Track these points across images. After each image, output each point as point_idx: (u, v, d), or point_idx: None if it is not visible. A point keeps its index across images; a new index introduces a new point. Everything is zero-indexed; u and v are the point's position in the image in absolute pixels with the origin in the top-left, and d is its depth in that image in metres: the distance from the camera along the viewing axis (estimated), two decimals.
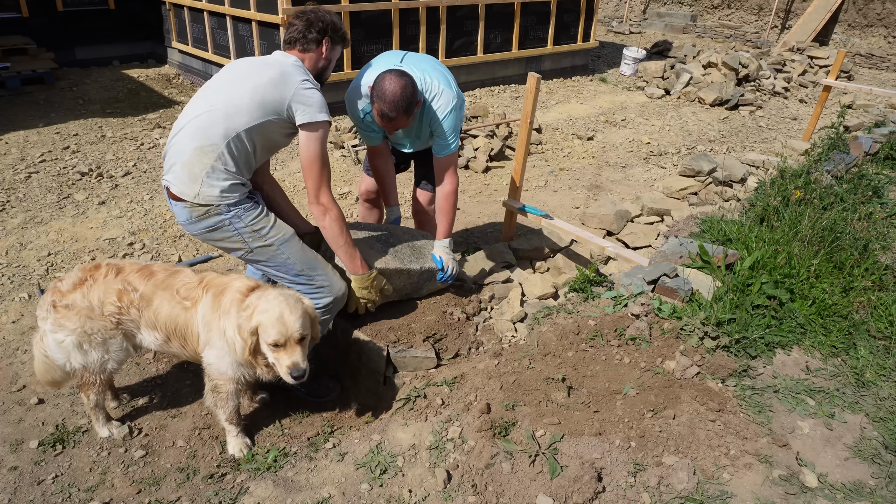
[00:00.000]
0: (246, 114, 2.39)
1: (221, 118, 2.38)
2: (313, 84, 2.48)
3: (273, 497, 2.12)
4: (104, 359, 2.43)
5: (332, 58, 2.66)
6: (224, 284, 2.36)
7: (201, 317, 2.34)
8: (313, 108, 2.42)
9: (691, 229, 3.67)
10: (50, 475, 2.43)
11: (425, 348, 2.79)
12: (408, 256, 2.91)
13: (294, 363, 2.20)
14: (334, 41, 2.62)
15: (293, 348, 2.21)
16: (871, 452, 2.15)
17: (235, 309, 2.26)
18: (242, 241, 2.52)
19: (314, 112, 2.43)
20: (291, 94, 2.40)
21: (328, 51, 2.61)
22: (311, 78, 2.51)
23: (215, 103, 2.42)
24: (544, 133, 7.13)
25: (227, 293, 2.31)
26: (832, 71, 6.72)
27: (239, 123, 2.39)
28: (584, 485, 1.96)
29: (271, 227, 2.53)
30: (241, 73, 2.47)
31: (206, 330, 2.34)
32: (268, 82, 2.40)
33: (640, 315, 2.69)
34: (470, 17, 8.43)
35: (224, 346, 2.31)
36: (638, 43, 12.44)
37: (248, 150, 2.46)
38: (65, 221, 4.55)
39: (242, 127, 2.39)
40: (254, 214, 2.50)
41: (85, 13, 8.98)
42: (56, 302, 2.34)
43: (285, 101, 2.40)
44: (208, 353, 2.38)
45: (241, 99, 2.39)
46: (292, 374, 2.19)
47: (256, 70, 2.45)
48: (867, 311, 2.79)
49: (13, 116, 6.66)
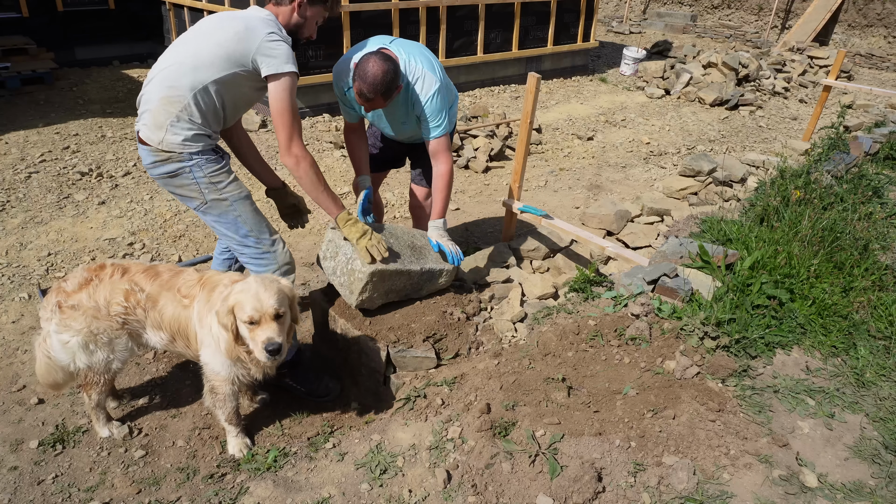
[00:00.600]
0: (211, 66, 2.44)
1: (188, 70, 2.44)
2: (281, 37, 2.48)
3: (273, 497, 2.12)
4: (109, 359, 2.43)
5: (309, 16, 2.62)
6: (216, 281, 2.36)
7: (196, 315, 2.34)
8: (278, 59, 2.44)
9: (691, 229, 3.67)
10: (50, 475, 2.43)
11: (425, 348, 2.79)
12: (408, 257, 2.91)
13: (268, 337, 2.14)
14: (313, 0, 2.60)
15: (268, 324, 2.17)
16: (871, 452, 2.15)
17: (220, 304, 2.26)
18: (199, 191, 2.59)
19: (279, 63, 2.44)
20: (256, 47, 2.42)
21: (303, 7, 2.59)
22: (280, 31, 2.51)
23: (183, 56, 2.47)
24: (544, 133, 7.13)
25: (217, 289, 2.31)
26: (832, 71, 6.72)
27: (205, 76, 2.44)
28: (584, 485, 1.96)
29: (229, 182, 2.61)
30: (210, 27, 2.51)
31: (200, 327, 2.35)
32: (233, 36, 2.43)
33: (640, 315, 2.69)
34: (470, 17, 8.43)
35: (213, 344, 2.31)
36: (638, 43, 12.43)
37: (216, 103, 2.52)
38: (65, 221, 4.55)
39: (208, 80, 2.45)
40: (214, 167, 2.57)
41: (85, 13, 8.98)
42: (61, 302, 2.34)
43: (249, 54, 2.43)
44: (204, 353, 2.38)
45: (208, 52, 2.44)
46: (267, 349, 2.14)
47: (223, 24, 2.48)
48: (867, 311, 2.79)
49: (13, 116, 6.66)
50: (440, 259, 3.04)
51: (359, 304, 2.82)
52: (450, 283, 3.09)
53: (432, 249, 3.10)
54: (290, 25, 2.61)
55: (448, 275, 3.03)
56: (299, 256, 4.29)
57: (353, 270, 2.77)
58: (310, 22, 2.65)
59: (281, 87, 2.46)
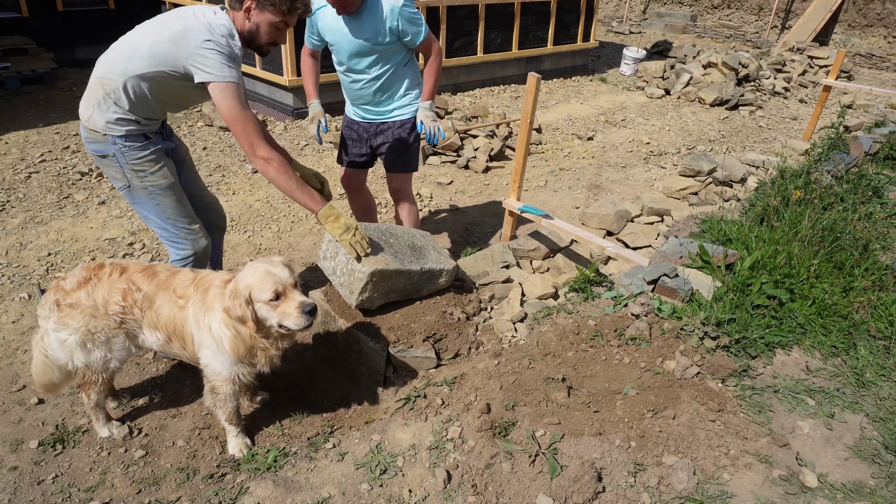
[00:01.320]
0: (140, 60, 2.46)
1: (123, 58, 2.49)
2: (217, 45, 2.41)
3: (273, 497, 2.12)
4: (107, 357, 2.43)
5: (260, 21, 2.52)
6: (209, 282, 2.35)
7: (192, 316, 2.34)
8: (208, 68, 2.40)
9: (691, 229, 3.68)
10: (50, 475, 2.43)
11: (425, 348, 2.79)
12: (408, 257, 2.91)
13: (301, 301, 2.20)
14: (261, 4, 2.49)
15: (293, 292, 2.21)
16: (871, 452, 2.15)
17: (219, 303, 2.25)
18: (123, 175, 2.67)
19: (209, 72, 2.40)
20: (187, 54, 2.41)
21: (253, 13, 2.51)
22: (224, 38, 2.45)
23: (125, 44, 2.52)
24: (544, 133, 7.13)
25: (211, 290, 2.31)
26: (832, 71, 6.72)
27: (134, 68, 2.47)
28: (584, 485, 1.96)
29: (153, 171, 2.66)
30: (157, 24, 2.52)
31: (197, 329, 2.34)
32: (167, 38, 2.43)
33: (640, 315, 2.69)
34: (470, 17, 8.43)
35: (214, 344, 2.31)
36: (638, 43, 12.44)
37: (146, 93, 2.53)
38: (65, 221, 4.55)
39: (136, 72, 2.47)
40: (138, 155, 2.62)
41: (85, 13, 8.98)
42: (60, 300, 2.34)
43: (179, 60, 2.43)
44: (204, 354, 2.38)
45: (142, 47, 2.46)
46: (305, 310, 2.19)
47: (167, 23, 2.48)
48: (867, 311, 2.79)
49: (13, 116, 6.66)
50: (440, 259, 3.05)
51: (359, 304, 2.82)
52: (450, 283, 3.09)
53: (432, 249, 3.10)
54: (245, 32, 2.56)
55: (448, 275, 3.03)
56: (299, 256, 4.29)
57: (353, 270, 2.77)
58: (263, 27, 2.55)
59: (220, 96, 2.43)
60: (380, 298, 2.86)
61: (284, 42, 2.66)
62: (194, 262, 2.86)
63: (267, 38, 2.59)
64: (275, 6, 2.49)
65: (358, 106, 3.53)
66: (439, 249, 3.17)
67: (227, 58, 2.44)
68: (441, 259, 3.05)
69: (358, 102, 3.50)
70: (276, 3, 2.48)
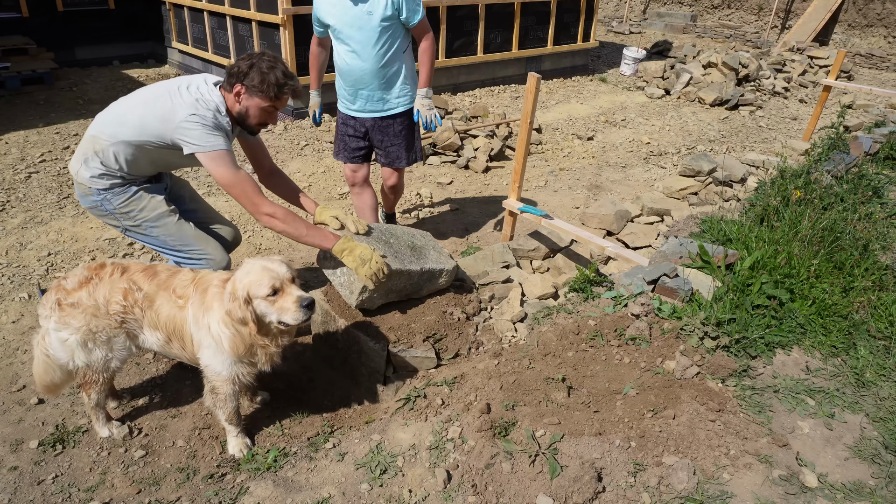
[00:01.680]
0: (129, 128, 2.61)
1: (114, 122, 2.64)
2: (203, 117, 2.51)
3: (273, 497, 2.12)
4: (108, 357, 2.43)
5: (250, 105, 2.61)
6: (207, 282, 2.36)
7: (191, 316, 2.34)
8: (194, 140, 2.52)
9: (691, 229, 3.68)
10: (50, 475, 2.43)
11: (425, 348, 2.79)
12: (408, 257, 2.92)
13: (299, 296, 2.21)
14: (251, 90, 2.57)
15: (290, 287, 2.22)
16: (871, 452, 2.15)
17: (218, 303, 2.26)
18: (116, 220, 2.80)
19: (195, 145, 2.53)
20: (173, 128, 2.53)
21: (244, 97, 2.60)
22: (212, 113, 2.54)
23: (120, 108, 2.68)
24: (544, 133, 7.13)
25: (209, 289, 2.32)
26: (832, 71, 6.72)
27: (122, 133, 2.62)
28: (584, 485, 1.96)
29: (140, 209, 2.76)
30: (151, 94, 2.64)
31: (196, 329, 2.35)
32: (156, 114, 2.56)
33: (640, 315, 2.69)
34: (470, 17, 8.43)
35: (213, 344, 2.31)
36: (638, 43, 12.44)
37: (135, 157, 2.68)
38: (65, 221, 4.55)
39: (124, 138, 2.62)
40: (121, 199, 2.73)
41: (85, 13, 8.98)
42: (61, 300, 2.34)
43: (167, 134, 2.56)
44: (204, 354, 2.38)
45: (133, 115, 2.61)
46: (303, 305, 2.20)
47: (158, 96, 2.60)
48: (867, 311, 2.79)
49: (13, 116, 6.66)
50: (440, 259, 3.05)
51: (359, 305, 2.83)
52: (450, 282, 3.09)
53: (432, 249, 3.10)
54: (235, 113, 2.66)
55: (448, 275, 3.03)
56: (299, 257, 4.29)
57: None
58: (253, 111, 2.63)
59: (211, 165, 2.54)
60: (380, 298, 2.86)
61: (275, 124, 2.81)
62: None
63: (257, 121, 2.69)
64: (263, 92, 2.57)
65: (357, 97, 3.59)
66: (439, 249, 3.17)
67: (212, 127, 2.54)
68: (441, 259, 3.05)
69: (358, 90, 3.56)
70: (264, 90, 2.56)
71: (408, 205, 5.13)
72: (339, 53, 3.51)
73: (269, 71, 2.55)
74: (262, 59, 2.57)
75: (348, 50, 3.44)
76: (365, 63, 3.43)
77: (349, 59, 3.47)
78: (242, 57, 2.61)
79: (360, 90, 3.55)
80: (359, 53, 3.41)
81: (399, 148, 3.73)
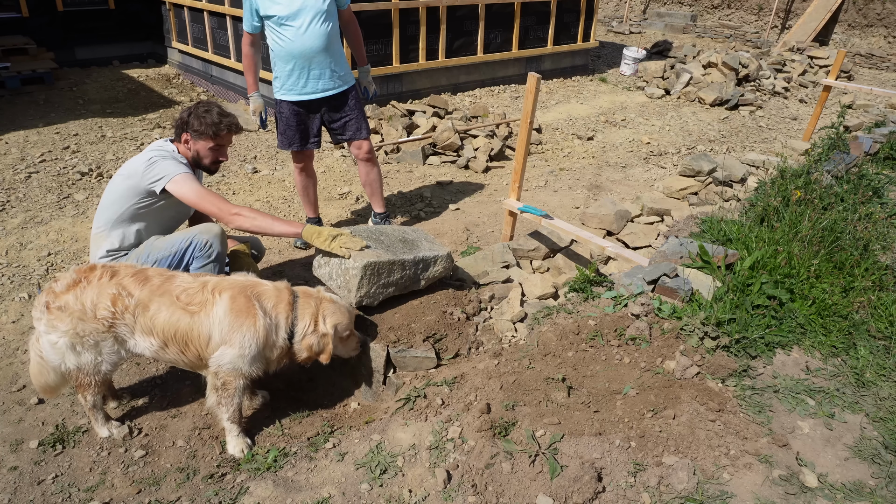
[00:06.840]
0: (114, 204, 2.89)
1: (103, 209, 2.93)
2: (162, 156, 2.84)
3: (273, 497, 2.12)
4: (97, 360, 2.42)
5: (198, 148, 2.95)
6: (241, 285, 2.44)
7: (218, 319, 2.35)
8: (159, 174, 2.80)
9: (691, 229, 3.67)
10: (50, 475, 2.43)
11: (425, 348, 2.79)
12: (400, 249, 2.94)
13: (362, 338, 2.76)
14: (195, 135, 2.91)
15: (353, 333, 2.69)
16: (871, 452, 2.15)
17: (284, 316, 2.46)
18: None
19: (163, 178, 2.80)
20: (140, 176, 2.83)
21: (191, 143, 2.94)
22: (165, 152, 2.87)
23: (102, 199, 2.96)
24: (544, 133, 7.13)
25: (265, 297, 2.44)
26: (832, 71, 6.72)
27: (113, 212, 2.89)
28: (584, 485, 1.96)
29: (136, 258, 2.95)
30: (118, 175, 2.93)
31: (226, 330, 2.36)
32: (124, 177, 2.87)
33: (640, 315, 2.69)
34: (470, 17, 8.43)
35: (251, 344, 2.37)
36: (638, 43, 12.44)
37: (138, 231, 2.95)
38: (65, 221, 4.55)
39: (116, 214, 2.89)
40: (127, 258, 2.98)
41: (85, 13, 8.98)
42: (49, 303, 2.34)
43: (141, 185, 2.83)
44: (225, 352, 2.37)
45: (108, 196, 2.91)
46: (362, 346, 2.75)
47: (123, 169, 2.91)
48: (867, 311, 2.79)
49: (13, 116, 6.66)
50: (433, 247, 3.07)
51: (359, 302, 2.83)
52: (447, 271, 3.07)
53: (424, 240, 3.13)
54: (190, 159, 2.97)
55: (443, 261, 3.02)
56: (299, 257, 4.29)
57: (347, 269, 2.79)
58: (203, 152, 2.96)
59: (180, 189, 2.80)
60: (379, 293, 2.87)
61: (226, 159, 3.05)
62: (218, 259, 2.99)
63: (210, 160, 3.01)
64: (205, 134, 2.91)
65: (309, 79, 3.74)
66: (431, 239, 3.19)
67: (171, 159, 2.85)
68: (434, 247, 3.07)
69: (310, 70, 3.71)
70: (203, 133, 2.90)
71: (408, 205, 5.13)
72: (285, 38, 3.64)
73: (205, 115, 2.89)
74: (199, 107, 2.93)
75: (298, 33, 3.60)
76: (316, 41, 3.61)
77: (298, 42, 3.61)
78: (183, 110, 2.98)
79: (311, 70, 3.71)
80: (309, 33, 3.59)
81: (358, 119, 3.97)
